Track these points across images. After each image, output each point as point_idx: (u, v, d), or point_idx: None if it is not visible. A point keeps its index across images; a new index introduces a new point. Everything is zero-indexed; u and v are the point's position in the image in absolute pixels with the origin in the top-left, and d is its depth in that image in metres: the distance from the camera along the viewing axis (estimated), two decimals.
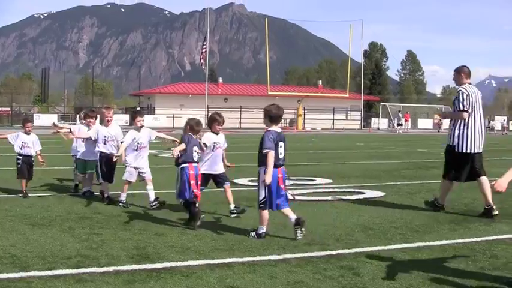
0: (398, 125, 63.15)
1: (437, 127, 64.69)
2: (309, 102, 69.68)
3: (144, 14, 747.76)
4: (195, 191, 8.56)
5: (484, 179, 9.62)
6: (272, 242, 7.41)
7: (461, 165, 9.64)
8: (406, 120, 67.60)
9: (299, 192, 11.81)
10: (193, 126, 8.96)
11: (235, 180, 13.49)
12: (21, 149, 11.24)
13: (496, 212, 9.43)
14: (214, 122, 9.48)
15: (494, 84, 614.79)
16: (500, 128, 68.72)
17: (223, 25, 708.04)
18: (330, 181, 14.16)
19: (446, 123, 72.52)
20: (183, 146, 8.61)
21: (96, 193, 11.15)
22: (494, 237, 7.92)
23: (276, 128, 7.78)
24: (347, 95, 74.69)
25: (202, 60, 68.35)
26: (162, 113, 64.89)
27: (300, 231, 7.62)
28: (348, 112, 78.99)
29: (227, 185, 9.47)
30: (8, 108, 70.58)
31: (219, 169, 9.45)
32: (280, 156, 7.73)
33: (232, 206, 9.41)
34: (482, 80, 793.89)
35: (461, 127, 9.71)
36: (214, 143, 9.36)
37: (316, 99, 72.89)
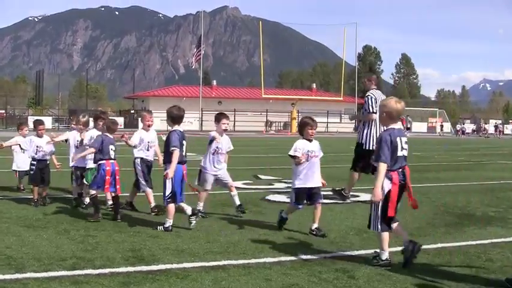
0: (407, 128, 63.65)
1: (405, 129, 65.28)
2: (303, 106, 69.76)
3: (138, 17, 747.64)
4: (106, 187, 9.11)
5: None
6: (267, 245, 7.42)
7: (368, 160, 10.13)
8: (402, 124, 67.79)
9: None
10: (109, 125, 9.48)
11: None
12: (35, 153, 10.53)
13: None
14: (306, 126, 8.27)
15: (489, 87, 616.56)
16: (493, 131, 69.02)
17: (217, 28, 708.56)
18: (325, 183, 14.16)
19: (446, 126, 72.56)
20: (92, 150, 9.22)
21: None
22: (490, 240, 7.94)
23: (180, 128, 8.45)
24: (341, 98, 74.83)
25: (195, 63, 68.33)
26: (156, 115, 64.40)
27: (194, 221, 8.34)
28: (342, 115, 79.10)
29: (319, 203, 8.27)
30: (3, 111, 70.40)
31: (316, 182, 8.26)
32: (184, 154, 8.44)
33: (314, 226, 8.24)
34: (477, 84, 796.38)
35: (371, 127, 11.17)
36: (309, 151, 8.15)
37: (310, 103, 73.02)
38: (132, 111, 74.62)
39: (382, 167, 6.38)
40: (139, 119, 10.33)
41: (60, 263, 6.40)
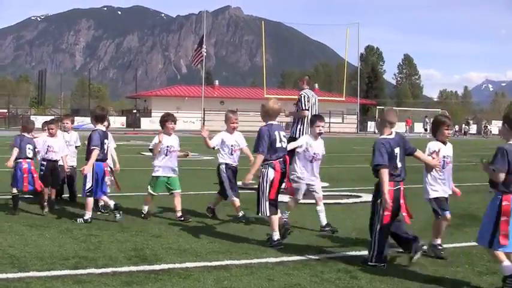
0: (425, 130, 63.97)
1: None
2: None
3: (140, 16, 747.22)
4: (25, 185, 9.39)
5: None
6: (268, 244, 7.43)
7: None
8: (407, 125, 67.99)
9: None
10: (25, 125, 9.85)
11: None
12: (46, 153, 10.15)
13: None
14: (441, 125, 7.30)
15: (491, 88, 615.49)
16: (497, 133, 68.88)
17: (219, 28, 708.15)
18: (327, 184, 14.14)
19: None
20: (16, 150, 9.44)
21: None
22: None
23: (102, 127, 9.04)
24: (343, 99, 74.75)
25: (198, 63, 68.30)
26: (159, 115, 64.54)
27: (119, 215, 8.81)
28: (344, 116, 79.04)
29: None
30: (5, 110, 70.44)
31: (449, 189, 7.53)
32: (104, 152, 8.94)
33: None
34: (479, 85, 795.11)
35: (303, 123, 12.24)
36: (444, 156, 7.27)
37: None
38: (134, 111, 74.64)
39: (259, 158, 7.36)
40: (224, 120, 9.21)
41: (63, 262, 6.43)
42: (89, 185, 8.86)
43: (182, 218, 9.09)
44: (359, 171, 18.19)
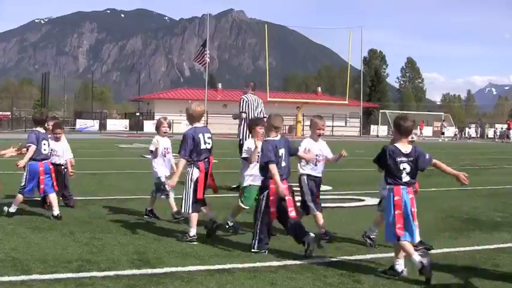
0: (442, 133, 63.92)
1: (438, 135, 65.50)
2: (308, 109, 69.61)
3: (144, 19, 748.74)
4: None
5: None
6: (272, 249, 7.41)
7: None
8: (421, 129, 68.00)
9: (298, 199, 11.81)
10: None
11: (234, 186, 13.52)
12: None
13: None
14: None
15: (494, 92, 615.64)
16: (498, 136, 68.77)
17: (222, 31, 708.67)
18: (330, 188, 14.15)
19: (451, 131, 72.39)
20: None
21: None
22: (496, 246, 7.91)
23: (42, 130, 9.44)
24: (346, 102, 74.63)
25: (202, 64, 68.31)
26: None
27: (54, 218, 9.14)
28: (347, 119, 78.99)
29: None
30: (9, 113, 70.58)
31: None
32: (44, 152, 9.31)
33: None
34: (482, 88, 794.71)
35: (244, 124, 13.20)
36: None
37: (315, 106, 72.80)
38: (137, 114, 74.66)
39: (182, 163, 7.86)
40: (309, 126, 9.09)
41: (66, 265, 6.42)
42: (22, 182, 9.29)
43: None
44: (362, 175, 18.16)
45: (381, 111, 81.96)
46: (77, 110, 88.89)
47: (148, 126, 63.69)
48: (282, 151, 7.37)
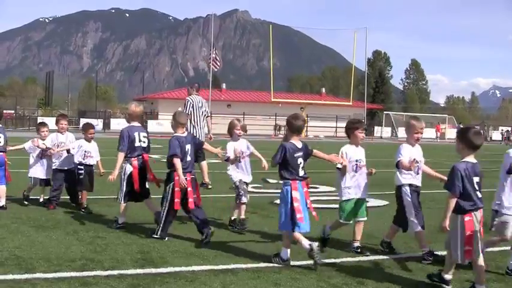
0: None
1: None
2: (312, 110, 69.65)
3: (148, 19, 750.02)
4: None
5: (203, 163, 13.38)
6: (276, 249, 7.40)
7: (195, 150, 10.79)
8: (437, 131, 67.93)
9: (314, 199, 11.81)
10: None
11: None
12: (83, 158, 10.15)
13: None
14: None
15: (498, 94, 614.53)
16: (501, 138, 68.78)
17: (227, 31, 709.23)
18: (334, 189, 14.13)
19: (451, 132, 72.18)
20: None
21: None
22: (499, 248, 7.88)
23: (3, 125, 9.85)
24: (350, 103, 74.63)
25: (215, 67, 68.35)
26: (166, 118, 64.94)
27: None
28: None
29: None
30: (13, 111, 70.72)
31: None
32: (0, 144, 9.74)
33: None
34: (486, 90, 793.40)
35: (194, 125, 13.80)
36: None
37: (319, 107, 72.89)
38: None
39: (120, 156, 8.47)
40: (405, 129, 8.43)
41: (69, 263, 6.43)
42: None
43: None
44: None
45: (384, 112, 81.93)
46: (81, 109, 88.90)
47: (152, 125, 63.64)
48: (188, 146, 7.97)
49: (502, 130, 69.43)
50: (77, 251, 7.02)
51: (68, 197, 10.62)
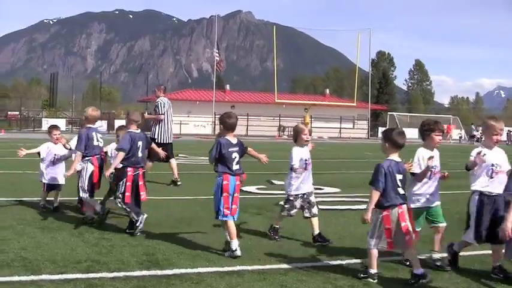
0: (471, 137, 64.05)
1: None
2: (316, 111, 69.59)
3: (152, 20, 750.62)
4: None
5: (172, 161, 14.16)
6: (282, 251, 7.39)
7: (164, 150, 10.85)
8: (447, 132, 67.85)
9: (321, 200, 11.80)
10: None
11: (243, 188, 13.53)
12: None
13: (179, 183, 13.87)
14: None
15: (503, 94, 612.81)
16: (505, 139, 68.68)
17: (230, 32, 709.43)
18: (338, 190, 14.14)
19: (456, 133, 72.01)
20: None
21: None
22: None
23: None
24: (354, 104, 74.54)
25: (219, 70, 68.39)
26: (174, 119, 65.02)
27: None
28: (355, 121, 78.88)
29: None
30: (17, 113, 70.81)
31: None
32: None
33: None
34: (491, 91, 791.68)
35: (161, 125, 14.40)
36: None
37: (323, 108, 72.78)
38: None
39: (78, 155, 8.92)
40: (482, 130, 7.96)
41: (75, 265, 6.42)
42: None
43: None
44: (370, 177, 18.07)
45: (389, 113, 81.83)
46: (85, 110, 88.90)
47: None
48: (140, 143, 8.48)
49: (509, 131, 69.14)
50: (83, 253, 7.02)
51: (75, 198, 10.61)
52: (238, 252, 7.06)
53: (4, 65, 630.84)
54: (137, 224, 8.21)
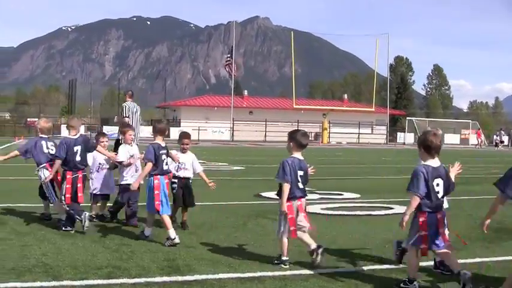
0: (501, 142, 63.77)
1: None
2: (335, 116, 69.48)
3: (169, 27, 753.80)
4: None
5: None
6: (304, 257, 7.34)
7: None
8: (478, 137, 67.59)
9: (327, 207, 11.75)
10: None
11: (262, 194, 13.52)
12: (177, 171, 9.22)
13: None
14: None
15: None
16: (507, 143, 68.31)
17: (248, 38, 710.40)
18: (358, 196, 14.06)
19: (473, 138, 71.51)
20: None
21: None
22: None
23: None
24: (373, 109, 74.30)
25: (233, 73, 68.39)
26: (188, 125, 65.05)
27: None
28: (374, 126, 78.60)
29: None
30: (36, 119, 71.35)
31: None
32: None
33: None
34: (511, 95, 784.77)
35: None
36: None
37: (341, 113, 72.67)
38: (164, 121, 74.88)
39: (57, 162, 9.00)
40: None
41: (96, 271, 6.42)
42: None
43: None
44: (390, 183, 18.00)
45: (407, 118, 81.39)
46: (103, 117, 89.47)
47: (175, 133, 63.79)
48: (76, 148, 8.92)
49: None
50: (103, 259, 7.02)
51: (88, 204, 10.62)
52: (177, 240, 7.88)
53: (23, 72, 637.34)
54: (83, 223, 8.52)
